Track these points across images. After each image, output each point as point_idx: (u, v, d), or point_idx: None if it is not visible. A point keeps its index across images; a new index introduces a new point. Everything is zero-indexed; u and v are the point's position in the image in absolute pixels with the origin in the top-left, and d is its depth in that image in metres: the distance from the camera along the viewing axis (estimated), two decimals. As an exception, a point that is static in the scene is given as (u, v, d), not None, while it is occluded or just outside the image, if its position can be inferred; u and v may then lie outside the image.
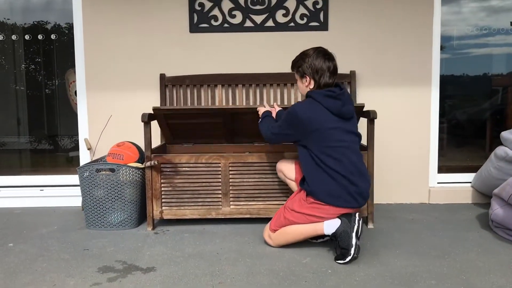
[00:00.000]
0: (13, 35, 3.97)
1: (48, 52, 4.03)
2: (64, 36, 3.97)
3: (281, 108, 2.88)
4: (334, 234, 2.51)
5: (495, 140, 3.70)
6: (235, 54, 3.63)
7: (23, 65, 4.08)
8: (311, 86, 2.62)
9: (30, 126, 4.20)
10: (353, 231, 2.47)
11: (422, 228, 3.07)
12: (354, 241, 2.46)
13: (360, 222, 2.53)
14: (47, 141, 4.24)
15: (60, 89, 4.07)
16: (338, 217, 2.55)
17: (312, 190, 2.55)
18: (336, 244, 2.54)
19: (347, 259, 2.45)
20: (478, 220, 3.24)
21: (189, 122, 3.24)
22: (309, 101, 2.56)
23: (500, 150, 3.37)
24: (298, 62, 2.64)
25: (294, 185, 2.86)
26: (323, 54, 2.60)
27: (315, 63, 2.56)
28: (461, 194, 3.72)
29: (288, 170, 2.87)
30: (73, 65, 3.78)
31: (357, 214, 2.54)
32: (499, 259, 2.51)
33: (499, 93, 4.17)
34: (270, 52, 3.57)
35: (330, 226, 2.53)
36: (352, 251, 2.45)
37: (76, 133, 3.83)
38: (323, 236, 2.66)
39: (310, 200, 2.58)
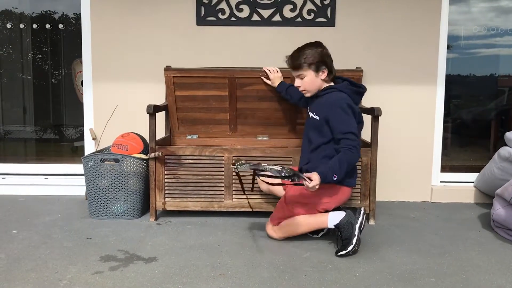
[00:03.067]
0: (21, 24, 3.99)
1: (55, 42, 4.05)
2: (72, 26, 3.99)
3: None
4: (337, 225, 2.53)
5: (500, 141, 3.69)
6: (241, 48, 3.63)
7: (30, 54, 4.10)
8: (325, 76, 2.66)
9: (36, 115, 4.23)
10: (357, 223, 2.51)
11: (423, 226, 3.08)
12: (357, 232, 2.50)
13: (365, 217, 2.57)
14: (53, 131, 4.27)
15: (67, 79, 4.09)
16: (342, 209, 2.58)
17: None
18: (338, 236, 2.56)
19: (349, 249, 2.47)
20: (480, 219, 3.24)
21: (197, 95, 3.33)
22: (347, 96, 2.62)
23: (503, 151, 3.37)
24: (311, 58, 2.62)
25: (279, 190, 2.87)
26: (324, 46, 2.70)
27: (328, 53, 2.66)
28: (464, 194, 3.72)
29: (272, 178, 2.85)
30: (79, 55, 3.80)
31: (362, 209, 2.60)
32: (499, 259, 2.52)
33: (505, 93, 4.16)
34: (276, 47, 3.57)
35: (335, 218, 2.56)
36: (354, 241, 2.48)
37: (81, 123, 3.85)
38: (323, 229, 2.68)
39: None
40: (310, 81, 2.68)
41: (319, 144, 2.64)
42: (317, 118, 2.65)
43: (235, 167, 2.40)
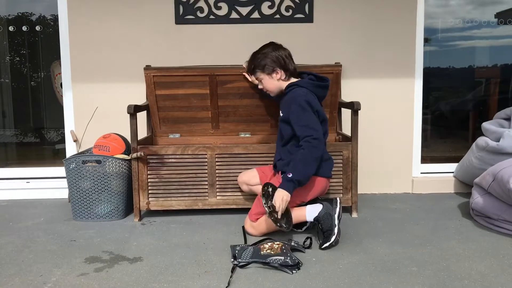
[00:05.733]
0: (-2, 27, 3.94)
1: (33, 44, 4.01)
2: (49, 27, 3.95)
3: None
4: (317, 218, 2.58)
5: (478, 131, 3.77)
6: (220, 46, 3.64)
7: (7, 57, 4.05)
8: (283, 76, 2.73)
9: (16, 119, 4.18)
10: (335, 213, 2.57)
11: (405, 217, 3.13)
12: (336, 222, 2.56)
13: (341, 206, 2.62)
14: (33, 134, 4.22)
15: (46, 81, 4.05)
16: (319, 202, 2.63)
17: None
18: (319, 229, 2.60)
19: (332, 240, 2.52)
20: (460, 209, 3.31)
21: (178, 94, 3.32)
22: (306, 91, 2.65)
23: (481, 141, 3.44)
24: (261, 62, 2.73)
25: (259, 189, 2.88)
26: (277, 45, 2.74)
27: (277, 55, 2.69)
28: (444, 184, 3.79)
29: (251, 178, 2.97)
30: (58, 57, 3.76)
31: (337, 198, 2.66)
32: (478, 246, 2.58)
33: (482, 84, 4.24)
34: (255, 44, 3.53)
35: (312, 211, 2.60)
36: (336, 231, 2.53)
37: (62, 126, 3.82)
38: (306, 223, 2.72)
39: None
40: (267, 83, 2.80)
41: (288, 138, 2.72)
42: (282, 115, 2.74)
43: (236, 262, 2.33)
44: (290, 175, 2.49)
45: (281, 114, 2.76)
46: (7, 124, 4.17)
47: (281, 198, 2.47)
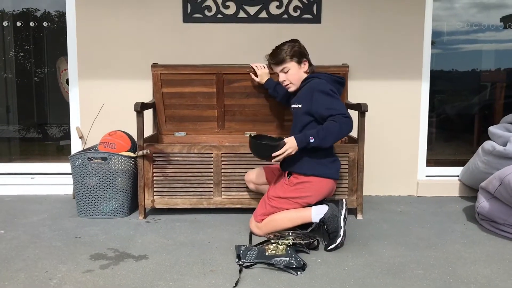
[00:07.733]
0: (4, 22, 3.93)
1: (38, 40, 4.00)
2: (54, 23, 3.94)
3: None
4: (322, 220, 2.57)
5: (483, 135, 3.76)
6: (228, 45, 3.63)
7: (11, 53, 4.04)
8: (306, 68, 2.76)
9: (20, 114, 4.18)
10: (341, 215, 2.56)
11: (410, 220, 3.12)
12: (342, 224, 2.55)
13: (347, 207, 2.62)
14: (37, 130, 4.22)
15: (50, 77, 4.05)
16: (325, 203, 2.62)
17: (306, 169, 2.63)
18: (324, 231, 2.60)
19: (338, 241, 2.52)
20: (465, 212, 3.30)
21: (184, 92, 3.33)
22: (326, 82, 2.64)
23: (487, 145, 3.43)
24: (292, 51, 2.71)
25: (265, 188, 2.91)
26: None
27: (304, 48, 2.76)
28: (449, 187, 3.78)
29: (257, 177, 2.98)
30: (63, 53, 3.76)
31: (344, 200, 2.64)
32: (484, 250, 2.57)
33: (487, 88, 4.23)
34: (263, 43, 3.56)
35: (318, 212, 2.60)
36: (341, 233, 2.53)
37: (65, 122, 3.82)
38: (311, 224, 2.71)
39: (293, 182, 2.65)
40: (294, 73, 2.74)
41: (302, 128, 2.66)
42: (300, 106, 2.68)
43: (241, 263, 2.33)
44: (312, 140, 2.48)
45: (298, 106, 2.68)
46: (11, 119, 4.17)
47: (288, 148, 2.51)
